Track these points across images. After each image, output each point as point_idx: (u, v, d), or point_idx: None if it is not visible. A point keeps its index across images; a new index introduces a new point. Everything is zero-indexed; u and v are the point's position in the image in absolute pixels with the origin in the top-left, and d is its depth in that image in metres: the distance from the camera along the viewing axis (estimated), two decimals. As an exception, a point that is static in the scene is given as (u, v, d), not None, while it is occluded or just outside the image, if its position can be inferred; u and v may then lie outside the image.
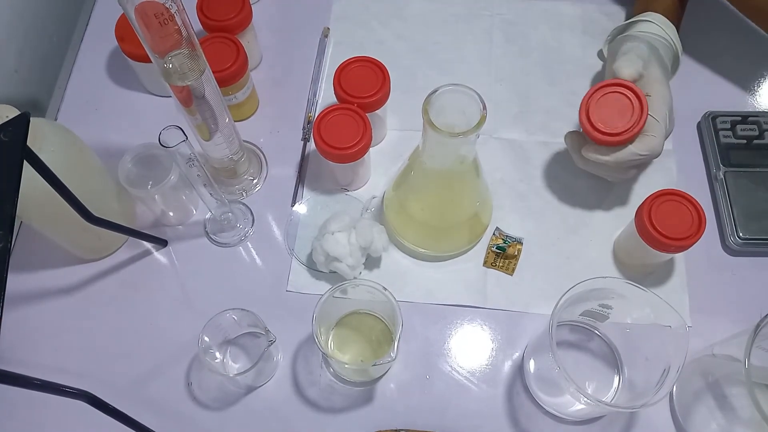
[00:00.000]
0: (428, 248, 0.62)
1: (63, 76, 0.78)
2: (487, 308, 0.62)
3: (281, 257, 0.64)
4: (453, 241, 0.62)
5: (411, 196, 0.59)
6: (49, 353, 0.60)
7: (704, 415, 0.53)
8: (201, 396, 0.58)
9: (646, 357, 0.54)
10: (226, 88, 0.65)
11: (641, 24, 0.65)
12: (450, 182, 0.56)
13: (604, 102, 0.57)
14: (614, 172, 0.61)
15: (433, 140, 0.50)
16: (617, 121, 0.57)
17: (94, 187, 0.60)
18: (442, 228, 0.60)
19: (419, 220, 0.60)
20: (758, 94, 0.72)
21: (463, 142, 0.49)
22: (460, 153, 0.52)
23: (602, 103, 0.57)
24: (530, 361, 0.57)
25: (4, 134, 0.41)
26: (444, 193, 0.57)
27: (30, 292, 0.63)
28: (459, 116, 0.49)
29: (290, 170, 0.69)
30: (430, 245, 0.62)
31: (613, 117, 0.57)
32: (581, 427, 0.57)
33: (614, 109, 0.57)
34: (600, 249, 0.64)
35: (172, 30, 0.45)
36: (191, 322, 0.57)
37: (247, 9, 0.68)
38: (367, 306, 0.60)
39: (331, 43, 0.76)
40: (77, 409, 0.41)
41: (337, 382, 0.59)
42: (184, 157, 0.51)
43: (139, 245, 0.65)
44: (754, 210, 0.63)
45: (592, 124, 0.57)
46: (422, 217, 0.59)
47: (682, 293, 0.61)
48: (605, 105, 0.57)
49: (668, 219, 0.55)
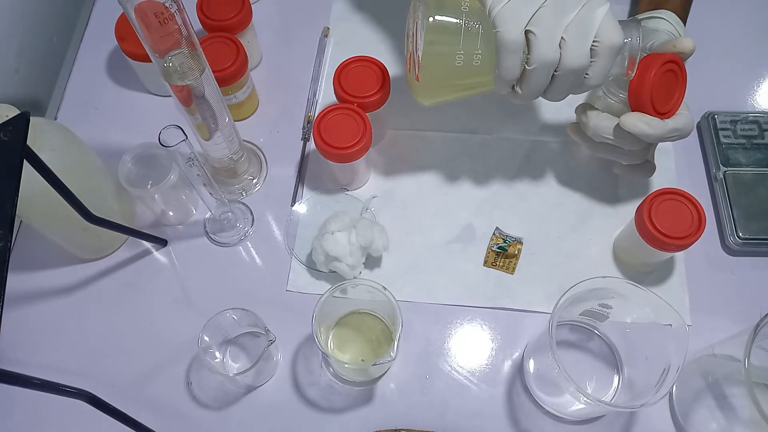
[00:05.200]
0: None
1: (63, 76, 0.78)
2: (487, 308, 0.62)
3: (281, 257, 0.64)
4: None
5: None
6: (49, 353, 0.60)
7: (704, 415, 0.53)
8: (201, 396, 0.58)
9: (645, 357, 0.54)
10: (226, 88, 0.65)
11: (654, 21, 0.64)
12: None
13: (664, 76, 0.54)
14: (635, 147, 0.58)
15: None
16: (668, 96, 0.55)
17: (94, 186, 0.60)
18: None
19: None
20: (758, 94, 0.72)
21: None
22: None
23: (662, 76, 0.54)
24: (530, 361, 0.57)
25: (4, 134, 0.41)
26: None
27: (30, 292, 0.63)
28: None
29: (290, 170, 0.69)
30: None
31: (664, 91, 0.55)
32: (581, 427, 0.57)
33: (667, 83, 0.55)
34: (600, 248, 0.64)
35: (171, 29, 0.45)
36: (191, 321, 0.57)
37: (247, 9, 0.68)
38: (367, 306, 0.60)
39: (331, 42, 0.76)
40: (77, 408, 0.41)
41: (337, 382, 0.59)
42: (184, 157, 0.51)
43: (139, 245, 0.65)
44: (754, 210, 0.63)
45: (651, 97, 0.54)
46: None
47: (682, 293, 0.61)
48: (664, 79, 0.55)
49: (668, 218, 0.55)
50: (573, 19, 0.50)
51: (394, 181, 0.68)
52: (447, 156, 0.69)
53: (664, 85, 0.55)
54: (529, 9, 0.50)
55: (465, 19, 0.53)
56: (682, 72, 0.56)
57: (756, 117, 0.68)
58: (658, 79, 0.54)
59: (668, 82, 0.55)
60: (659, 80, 0.54)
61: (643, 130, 0.55)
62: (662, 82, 0.54)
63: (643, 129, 0.54)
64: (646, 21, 0.65)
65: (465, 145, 0.69)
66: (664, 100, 0.55)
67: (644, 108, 0.54)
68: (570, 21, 0.50)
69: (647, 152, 0.60)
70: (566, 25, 0.50)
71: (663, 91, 0.55)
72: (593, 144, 0.60)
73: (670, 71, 0.55)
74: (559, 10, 0.50)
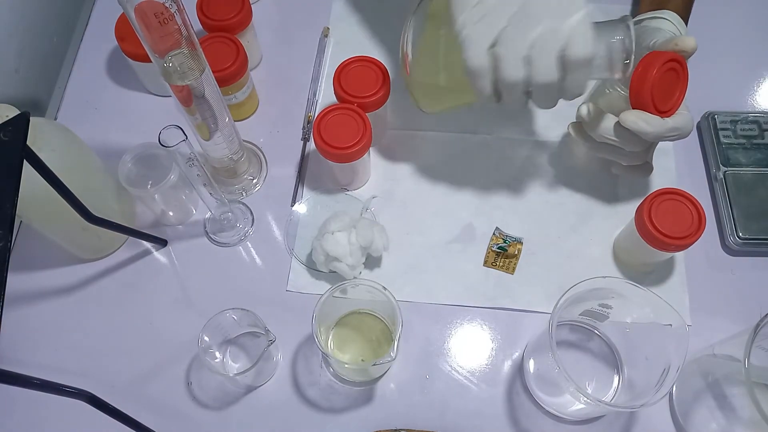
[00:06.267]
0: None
1: (63, 76, 0.78)
2: (487, 308, 0.62)
3: (281, 257, 0.64)
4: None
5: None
6: (49, 353, 0.60)
7: (704, 415, 0.53)
8: (201, 396, 0.58)
9: (645, 357, 0.54)
10: (226, 88, 0.65)
11: (656, 21, 0.64)
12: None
13: (665, 75, 0.54)
14: (636, 148, 0.58)
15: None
16: (668, 94, 0.55)
17: (94, 186, 0.60)
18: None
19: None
20: (758, 94, 0.72)
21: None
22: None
23: (663, 74, 0.54)
24: (530, 361, 0.57)
25: (4, 134, 0.41)
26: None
27: (30, 292, 0.63)
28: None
29: (290, 170, 0.69)
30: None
31: (665, 89, 0.55)
32: (581, 427, 0.57)
33: (668, 81, 0.55)
34: (600, 248, 0.64)
35: (171, 29, 0.45)
36: (191, 321, 0.57)
37: (247, 9, 0.68)
38: (367, 306, 0.60)
39: (331, 42, 0.76)
40: (77, 408, 0.41)
41: (336, 382, 0.59)
42: (184, 157, 0.51)
43: (139, 245, 0.65)
44: (754, 210, 0.63)
45: (653, 95, 0.54)
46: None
47: (682, 293, 0.61)
48: (666, 77, 0.54)
49: (668, 218, 0.55)
50: (540, 34, 0.48)
51: (394, 181, 0.68)
52: (447, 156, 0.69)
53: (666, 83, 0.54)
54: (493, 29, 0.49)
55: (444, 40, 0.52)
56: (684, 71, 0.56)
57: (756, 117, 0.68)
58: (660, 77, 0.53)
59: (669, 81, 0.55)
60: (660, 78, 0.53)
61: (642, 127, 0.54)
62: (663, 80, 0.54)
63: (642, 127, 0.54)
64: (648, 21, 0.65)
65: (465, 145, 0.69)
66: (665, 99, 0.55)
67: (645, 106, 0.54)
68: (536, 36, 0.48)
69: (647, 153, 0.60)
70: (532, 40, 0.48)
71: (664, 89, 0.55)
72: (594, 144, 0.60)
73: (671, 70, 0.54)
74: (526, 25, 0.49)
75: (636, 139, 0.56)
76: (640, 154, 0.59)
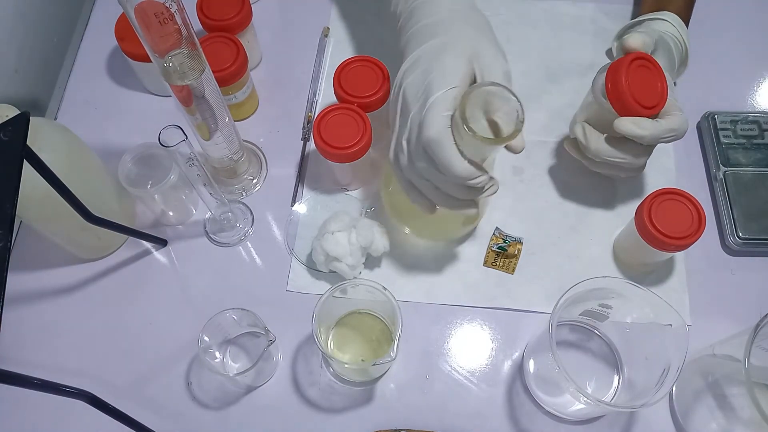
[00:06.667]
0: (423, 232, 0.62)
1: (63, 76, 0.78)
2: (487, 308, 0.62)
3: (281, 257, 0.64)
4: (448, 225, 0.61)
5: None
6: (49, 353, 0.60)
7: (704, 415, 0.53)
8: (201, 396, 0.58)
9: (645, 357, 0.54)
10: (226, 88, 0.65)
11: (656, 22, 0.64)
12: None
13: (636, 73, 0.54)
14: (634, 160, 0.58)
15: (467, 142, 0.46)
16: (649, 90, 0.55)
17: (94, 186, 0.60)
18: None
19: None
20: (758, 94, 0.72)
21: (493, 148, 0.47)
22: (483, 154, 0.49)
23: (634, 74, 0.54)
24: (530, 361, 0.57)
25: (4, 134, 0.41)
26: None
27: (30, 292, 0.63)
28: (480, 116, 0.47)
29: (290, 170, 0.69)
30: (425, 228, 0.62)
31: (643, 87, 0.55)
32: (581, 427, 0.57)
33: (642, 78, 0.55)
34: (600, 248, 0.64)
35: (171, 29, 0.45)
36: (191, 321, 0.57)
37: (247, 9, 0.68)
38: (367, 306, 0.60)
39: (331, 42, 0.76)
40: (77, 409, 0.41)
41: (337, 382, 0.59)
42: (184, 157, 0.51)
43: (139, 245, 0.65)
44: (754, 210, 0.63)
45: (633, 95, 0.54)
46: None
47: (682, 293, 0.61)
48: (637, 76, 0.54)
49: (668, 218, 0.55)
50: (409, 122, 0.50)
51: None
52: (447, 156, 0.69)
53: (641, 80, 0.55)
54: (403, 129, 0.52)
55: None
56: (654, 64, 0.56)
57: (756, 117, 0.68)
58: (632, 76, 0.54)
59: (644, 77, 0.55)
60: (634, 77, 0.54)
61: (637, 132, 0.54)
62: (638, 78, 0.54)
63: (637, 131, 0.54)
64: (648, 22, 0.65)
65: (465, 145, 0.69)
66: (649, 94, 0.55)
67: (631, 108, 0.54)
68: (407, 125, 0.51)
69: (644, 165, 0.60)
70: (406, 129, 0.51)
71: (643, 86, 0.55)
72: (592, 162, 0.60)
73: (641, 66, 0.55)
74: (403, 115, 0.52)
75: (634, 150, 0.57)
76: (639, 168, 0.60)
